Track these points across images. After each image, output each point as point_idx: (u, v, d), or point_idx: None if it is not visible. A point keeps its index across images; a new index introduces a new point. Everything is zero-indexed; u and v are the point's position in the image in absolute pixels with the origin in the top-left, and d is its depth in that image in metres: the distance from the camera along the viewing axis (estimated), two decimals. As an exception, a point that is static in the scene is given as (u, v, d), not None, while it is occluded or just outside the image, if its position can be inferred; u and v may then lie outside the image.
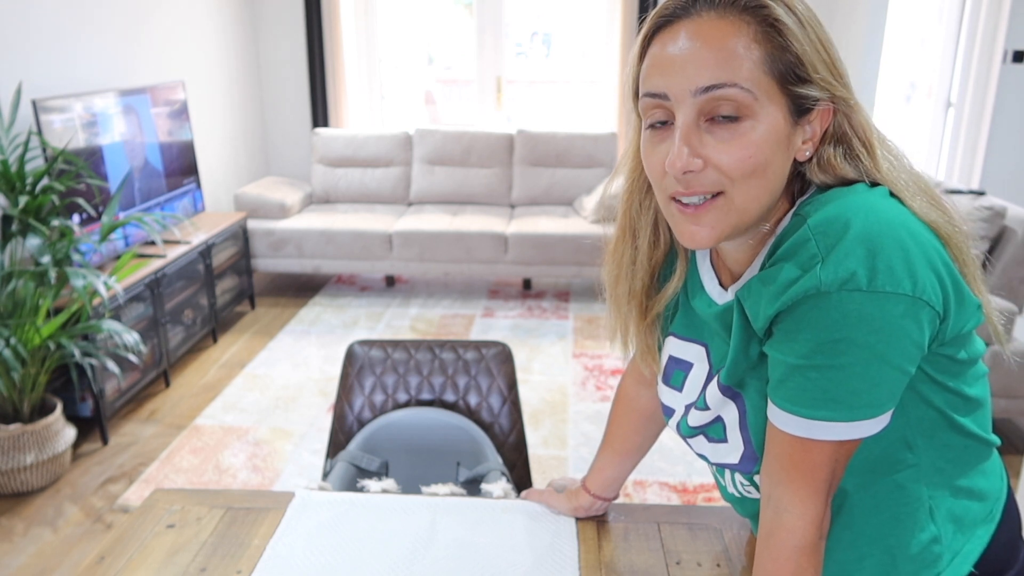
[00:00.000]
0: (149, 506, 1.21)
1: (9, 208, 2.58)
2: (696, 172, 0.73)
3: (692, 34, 0.71)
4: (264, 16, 4.99)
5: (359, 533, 1.14)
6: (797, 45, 0.71)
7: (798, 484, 0.76)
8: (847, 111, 0.75)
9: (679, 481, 2.62)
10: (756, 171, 0.73)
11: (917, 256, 0.68)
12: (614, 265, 0.93)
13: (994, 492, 0.87)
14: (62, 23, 3.16)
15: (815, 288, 0.68)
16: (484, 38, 5.06)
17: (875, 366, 0.70)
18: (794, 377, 0.73)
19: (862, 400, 0.71)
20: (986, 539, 0.85)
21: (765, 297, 0.73)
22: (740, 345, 0.81)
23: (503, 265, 4.36)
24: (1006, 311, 2.68)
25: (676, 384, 0.94)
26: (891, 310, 0.67)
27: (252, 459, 2.78)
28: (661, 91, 0.73)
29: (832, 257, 0.68)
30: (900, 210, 0.72)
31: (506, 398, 1.66)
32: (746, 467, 0.86)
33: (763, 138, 0.72)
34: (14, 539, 2.33)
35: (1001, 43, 4.16)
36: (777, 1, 0.71)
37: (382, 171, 4.85)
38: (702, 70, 0.71)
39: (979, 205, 2.86)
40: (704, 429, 0.89)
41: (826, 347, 0.70)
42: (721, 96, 0.70)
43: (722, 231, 0.75)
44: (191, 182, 3.87)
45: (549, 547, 1.11)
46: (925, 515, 0.82)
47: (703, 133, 0.73)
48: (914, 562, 0.83)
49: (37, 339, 2.54)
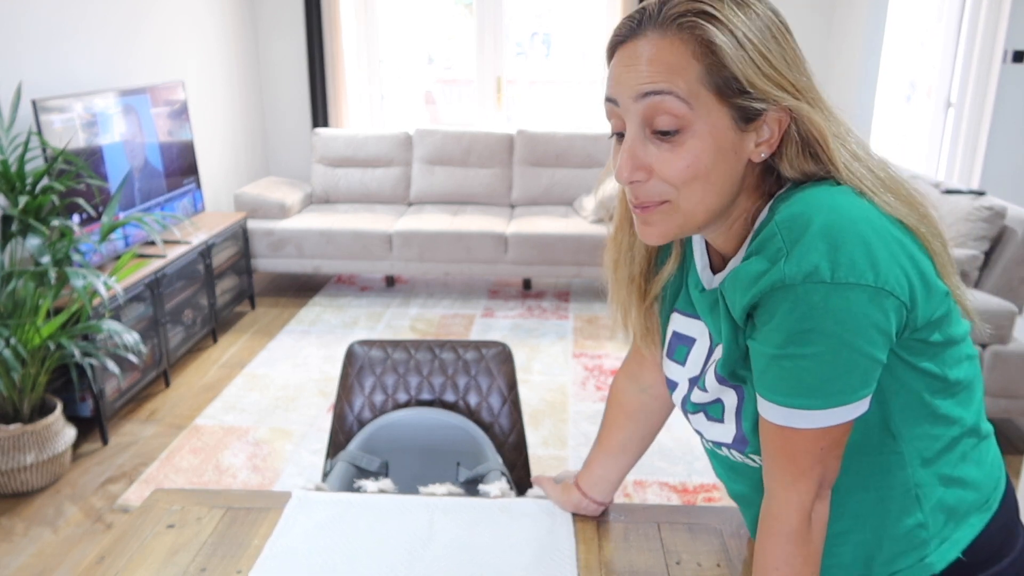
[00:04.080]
0: (149, 506, 1.21)
1: (9, 208, 2.58)
2: (642, 183, 0.80)
3: (641, 50, 0.78)
4: (264, 16, 4.99)
5: (357, 533, 1.14)
6: (731, 63, 0.76)
7: (783, 472, 0.81)
8: (798, 116, 0.79)
9: (679, 481, 2.62)
10: (698, 177, 0.78)
11: (879, 248, 0.72)
12: (614, 250, 0.99)
13: (990, 482, 0.88)
14: (62, 23, 3.16)
15: (780, 281, 0.73)
16: (484, 38, 5.07)
17: (844, 354, 0.73)
18: (772, 367, 0.77)
19: (834, 387, 0.75)
20: (979, 527, 0.87)
21: (739, 289, 0.79)
22: (730, 335, 0.86)
23: (503, 265, 4.36)
24: (1006, 311, 2.68)
25: (679, 359, 0.98)
26: (854, 300, 0.71)
27: (252, 459, 2.78)
28: (612, 96, 0.81)
29: (795, 252, 0.72)
30: (863, 205, 0.76)
31: (506, 398, 1.66)
32: (739, 447, 0.91)
33: (702, 147, 0.77)
34: (14, 539, 2.33)
35: (1001, 43, 4.16)
36: (713, 21, 0.76)
37: (382, 171, 4.85)
38: (642, 78, 0.78)
39: (979, 205, 2.86)
40: (705, 408, 0.93)
41: (796, 337, 0.74)
42: (659, 104, 0.77)
43: (670, 231, 0.83)
44: (191, 182, 3.87)
45: (547, 547, 1.11)
46: (912, 501, 0.85)
47: (648, 144, 0.79)
48: (899, 543, 0.86)
49: (37, 339, 2.54)
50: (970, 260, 2.81)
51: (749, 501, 0.97)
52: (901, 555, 0.87)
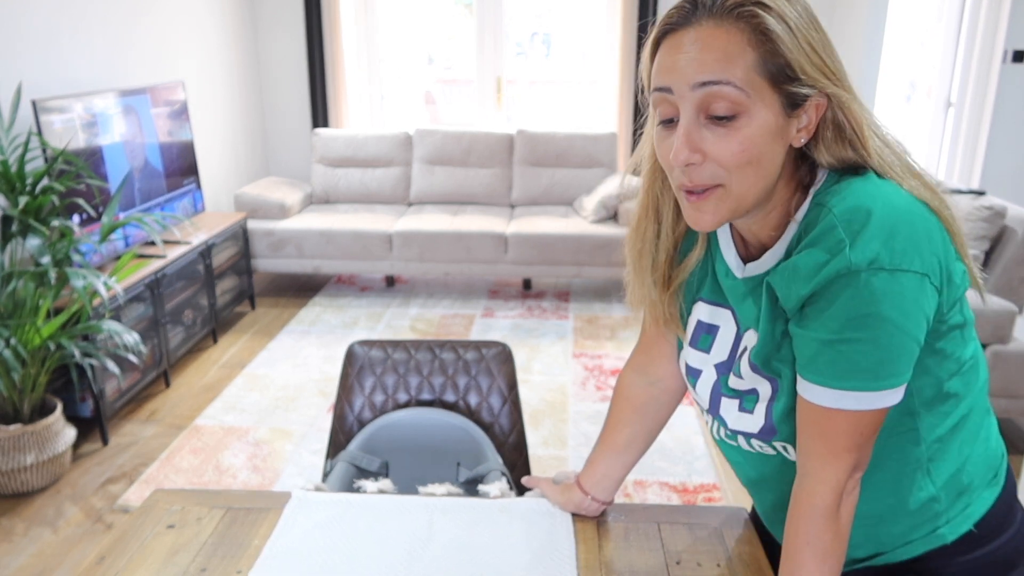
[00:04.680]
0: (149, 506, 1.21)
1: (9, 208, 2.58)
2: (696, 165, 0.82)
3: (693, 39, 0.80)
4: (264, 16, 4.99)
5: (356, 534, 1.14)
6: (785, 50, 0.79)
7: (822, 451, 0.84)
8: (839, 103, 0.82)
9: (679, 481, 2.62)
10: (751, 161, 0.81)
11: (922, 236, 0.77)
12: (638, 240, 1.00)
13: (996, 458, 0.94)
14: (62, 23, 3.16)
15: (846, 268, 0.76)
16: (484, 38, 5.07)
17: (898, 338, 0.78)
18: (825, 352, 0.80)
19: (887, 370, 0.79)
20: (991, 501, 0.93)
21: (798, 280, 0.81)
22: (768, 325, 0.88)
23: (503, 265, 4.36)
24: (1006, 311, 2.68)
25: (704, 347, 1.00)
26: (907, 285, 0.76)
27: (252, 459, 2.78)
28: (666, 85, 0.82)
29: (859, 241, 0.76)
30: (907, 196, 0.80)
31: (506, 398, 1.66)
32: (765, 437, 0.93)
33: (756, 132, 0.80)
34: (14, 539, 2.33)
35: (1001, 43, 4.16)
36: (769, 11, 0.78)
37: (382, 171, 4.85)
38: (700, 69, 0.79)
39: (979, 205, 2.86)
40: (743, 396, 0.95)
41: (856, 322, 0.77)
42: (717, 92, 0.79)
43: (722, 216, 0.84)
44: (191, 182, 3.87)
45: (546, 547, 1.11)
46: (924, 476, 0.90)
47: (703, 129, 0.81)
48: (913, 517, 0.91)
49: (37, 339, 2.54)
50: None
51: (763, 486, 1.01)
52: (914, 528, 0.91)
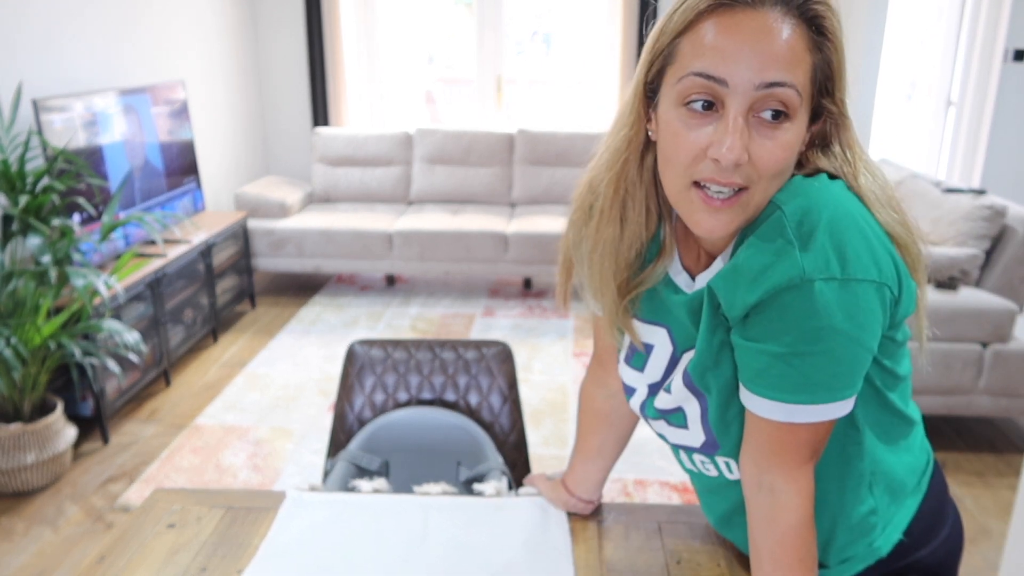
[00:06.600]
0: (149, 506, 1.21)
1: (9, 208, 2.58)
2: (742, 167, 0.74)
3: (763, 27, 0.70)
4: (264, 16, 4.98)
5: (352, 533, 1.14)
6: (836, 61, 0.74)
7: (788, 466, 0.80)
8: (841, 124, 0.79)
9: (679, 481, 2.62)
10: (783, 171, 0.75)
11: (875, 243, 0.74)
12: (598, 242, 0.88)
13: (920, 465, 0.93)
14: (62, 23, 3.16)
15: (799, 277, 0.71)
16: (484, 38, 5.06)
17: (851, 349, 0.74)
18: (776, 365, 0.75)
19: (840, 382, 0.76)
20: (913, 509, 0.91)
21: (741, 284, 0.75)
22: (707, 334, 0.83)
23: (503, 264, 4.36)
24: (1006, 310, 2.68)
25: (637, 365, 0.96)
26: (862, 295, 0.72)
27: (252, 459, 2.78)
28: (721, 76, 0.71)
29: (811, 247, 0.71)
30: (854, 200, 0.76)
31: (507, 397, 1.66)
32: (708, 451, 0.91)
33: (794, 140, 0.75)
34: (14, 539, 2.33)
35: (1001, 42, 4.16)
36: (833, 14, 0.74)
37: (382, 170, 4.85)
38: (771, 66, 0.70)
39: (980, 204, 2.86)
40: (667, 415, 0.92)
41: (809, 335, 0.73)
42: (778, 94, 0.72)
43: (736, 225, 0.77)
44: (191, 182, 3.87)
45: (542, 544, 1.11)
46: (865, 489, 0.88)
47: (750, 128, 0.73)
48: (852, 531, 0.89)
49: (38, 339, 2.54)
50: (971, 259, 2.81)
51: (714, 495, 0.99)
52: (853, 542, 0.90)
